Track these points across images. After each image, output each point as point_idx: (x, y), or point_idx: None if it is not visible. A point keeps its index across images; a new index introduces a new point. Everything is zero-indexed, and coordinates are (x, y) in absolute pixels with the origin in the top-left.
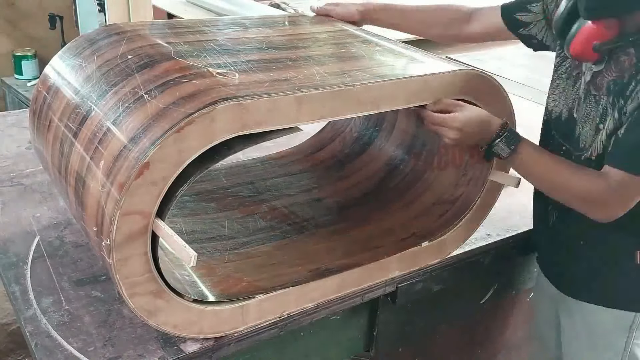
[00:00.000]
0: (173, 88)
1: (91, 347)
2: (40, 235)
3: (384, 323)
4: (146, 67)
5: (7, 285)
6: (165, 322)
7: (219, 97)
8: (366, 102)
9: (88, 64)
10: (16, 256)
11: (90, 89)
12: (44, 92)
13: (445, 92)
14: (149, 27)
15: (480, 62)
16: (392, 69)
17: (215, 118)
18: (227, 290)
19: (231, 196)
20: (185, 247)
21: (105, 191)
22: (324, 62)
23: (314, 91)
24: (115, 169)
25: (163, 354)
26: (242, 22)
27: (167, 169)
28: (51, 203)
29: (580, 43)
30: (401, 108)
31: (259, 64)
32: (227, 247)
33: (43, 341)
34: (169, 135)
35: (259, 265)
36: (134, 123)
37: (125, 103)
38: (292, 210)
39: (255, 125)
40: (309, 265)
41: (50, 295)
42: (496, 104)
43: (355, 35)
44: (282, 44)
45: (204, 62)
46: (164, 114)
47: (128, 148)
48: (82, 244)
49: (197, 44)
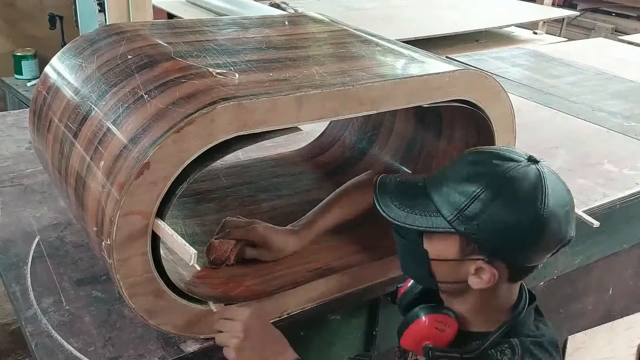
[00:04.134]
0: (173, 88)
1: (91, 347)
2: (40, 235)
3: (384, 323)
4: (146, 67)
5: (8, 285)
6: (166, 322)
7: (219, 97)
8: (366, 102)
9: (88, 64)
10: (16, 256)
11: (90, 89)
12: (44, 92)
13: (445, 92)
14: (149, 27)
15: (480, 62)
16: (392, 68)
17: (214, 118)
18: (226, 293)
19: (231, 196)
20: (185, 246)
21: (105, 191)
22: (324, 62)
23: (313, 91)
24: (115, 169)
25: (163, 354)
26: (242, 22)
27: (167, 169)
28: (51, 203)
29: (412, 338)
30: (401, 108)
31: (258, 64)
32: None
33: (43, 341)
34: (169, 136)
35: (258, 266)
36: (133, 123)
37: (125, 103)
38: (292, 210)
39: (254, 125)
40: (309, 265)
41: (51, 295)
42: (496, 104)
43: (355, 35)
44: (281, 43)
45: (204, 62)
46: (163, 114)
47: (128, 148)
48: (82, 244)
49: (197, 44)
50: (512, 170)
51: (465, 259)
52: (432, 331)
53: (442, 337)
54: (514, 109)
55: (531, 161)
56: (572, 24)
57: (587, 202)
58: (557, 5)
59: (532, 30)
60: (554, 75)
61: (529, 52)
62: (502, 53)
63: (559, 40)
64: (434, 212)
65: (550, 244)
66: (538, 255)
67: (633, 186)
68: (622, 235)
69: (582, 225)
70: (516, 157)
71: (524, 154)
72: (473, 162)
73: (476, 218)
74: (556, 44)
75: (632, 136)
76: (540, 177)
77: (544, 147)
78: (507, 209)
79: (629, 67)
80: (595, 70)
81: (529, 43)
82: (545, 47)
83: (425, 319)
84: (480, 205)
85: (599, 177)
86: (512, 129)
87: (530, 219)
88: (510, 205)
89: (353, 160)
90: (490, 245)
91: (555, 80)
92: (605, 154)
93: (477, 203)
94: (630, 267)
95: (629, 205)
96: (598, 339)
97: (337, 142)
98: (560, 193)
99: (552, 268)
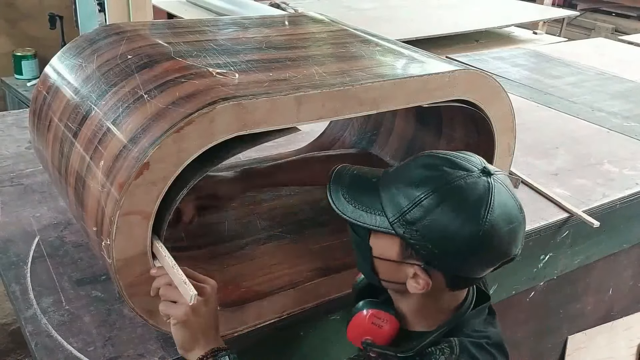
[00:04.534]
0: (173, 88)
1: (91, 346)
2: (40, 235)
3: None
4: (146, 67)
5: (8, 285)
6: (165, 322)
7: (218, 97)
8: (365, 102)
9: (88, 64)
10: (16, 256)
11: (90, 89)
12: (44, 92)
13: (445, 92)
14: (149, 27)
15: (480, 62)
16: (392, 68)
17: (214, 118)
18: (226, 297)
19: None
20: (185, 284)
21: (105, 191)
22: (324, 62)
23: (313, 91)
24: (115, 169)
25: (163, 354)
26: (242, 22)
27: (166, 169)
28: (51, 203)
29: (353, 331)
30: (400, 108)
31: (258, 64)
32: (227, 250)
33: (43, 341)
34: (169, 135)
35: (258, 267)
36: (133, 123)
37: (125, 103)
38: (292, 210)
39: (254, 125)
40: (309, 265)
41: (51, 295)
42: (496, 104)
43: (354, 35)
44: (281, 43)
45: (204, 62)
46: (163, 114)
47: (128, 148)
48: (82, 243)
49: (197, 43)
50: (460, 180)
51: (404, 262)
52: (370, 326)
53: (380, 333)
54: (514, 109)
55: (484, 173)
56: (572, 24)
57: (587, 202)
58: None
59: (532, 30)
60: (554, 76)
61: (529, 52)
62: (502, 53)
63: (559, 40)
64: (379, 211)
65: (489, 259)
66: (476, 268)
67: (633, 186)
68: (622, 236)
69: (582, 226)
70: (469, 167)
71: (480, 164)
72: (425, 165)
73: (416, 223)
74: (556, 44)
75: (632, 136)
76: (488, 190)
77: (544, 147)
78: (447, 218)
79: (629, 67)
80: (596, 71)
81: (529, 43)
82: (545, 47)
83: (366, 313)
84: (421, 211)
85: (598, 177)
86: (512, 129)
87: (469, 231)
88: (451, 215)
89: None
90: (426, 253)
91: (556, 80)
92: (605, 154)
93: (419, 208)
94: (630, 267)
95: (629, 205)
96: (598, 339)
97: (337, 143)
98: (507, 209)
99: (552, 268)
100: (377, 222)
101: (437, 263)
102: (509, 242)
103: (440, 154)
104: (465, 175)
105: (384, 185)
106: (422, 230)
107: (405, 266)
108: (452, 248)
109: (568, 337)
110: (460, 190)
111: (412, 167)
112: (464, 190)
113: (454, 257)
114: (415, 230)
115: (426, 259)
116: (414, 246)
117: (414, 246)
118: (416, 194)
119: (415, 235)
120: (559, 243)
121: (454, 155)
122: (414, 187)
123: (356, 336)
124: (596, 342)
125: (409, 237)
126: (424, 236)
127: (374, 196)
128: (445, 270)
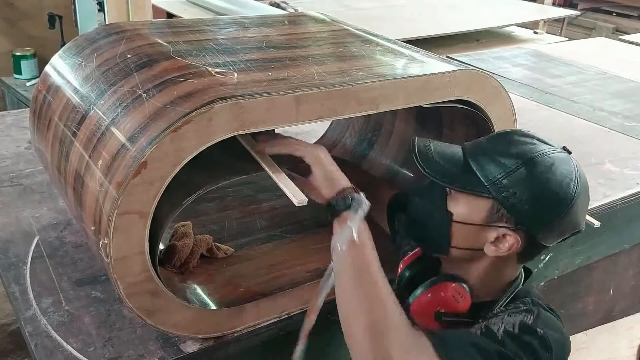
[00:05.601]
0: (171, 87)
1: (91, 347)
2: (39, 235)
3: None
4: (145, 67)
5: (7, 286)
6: (164, 322)
7: (217, 96)
8: (365, 101)
9: (88, 63)
10: (16, 256)
11: (89, 88)
12: (44, 92)
13: (446, 92)
14: (149, 27)
15: (480, 61)
16: (392, 68)
17: (212, 117)
18: (225, 296)
19: (231, 196)
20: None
21: (103, 190)
22: (323, 61)
23: (312, 91)
24: (113, 168)
25: (163, 354)
26: (242, 22)
27: (164, 168)
28: (51, 203)
29: (426, 302)
30: (400, 108)
31: (257, 64)
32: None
33: (43, 341)
34: (167, 135)
35: (258, 266)
36: (132, 122)
37: (124, 102)
38: (292, 210)
39: (253, 125)
40: (309, 265)
41: (50, 296)
42: (496, 104)
43: (355, 35)
44: (281, 43)
45: (203, 61)
46: (161, 113)
47: (126, 147)
48: (81, 244)
49: (196, 43)
50: (551, 152)
51: (490, 224)
52: (450, 298)
53: (455, 307)
54: (514, 109)
55: (566, 150)
56: (573, 23)
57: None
58: (557, 4)
59: (532, 30)
60: (554, 75)
61: (530, 51)
62: (502, 53)
63: (559, 40)
64: (472, 173)
65: (568, 227)
66: (554, 234)
67: (634, 186)
68: (623, 235)
69: None
70: (554, 144)
71: (558, 145)
72: (515, 139)
73: (514, 186)
74: (557, 44)
75: (633, 136)
76: (574, 164)
77: None
78: (544, 181)
79: (630, 66)
80: (596, 70)
81: (529, 43)
82: (546, 47)
83: (454, 285)
84: (520, 175)
85: (599, 177)
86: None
87: (562, 197)
88: (547, 178)
89: (355, 161)
90: (521, 214)
91: (556, 80)
92: (606, 153)
93: (518, 173)
94: (631, 267)
95: (630, 205)
96: (599, 339)
97: (337, 145)
98: (585, 185)
99: (552, 268)
100: (471, 184)
101: (526, 225)
102: (583, 215)
103: (525, 131)
104: (554, 149)
105: (473, 155)
106: (520, 193)
107: (488, 230)
108: (543, 211)
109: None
110: (554, 159)
111: (501, 139)
112: (557, 160)
113: (542, 221)
114: (513, 192)
115: (518, 220)
116: (512, 207)
117: (511, 207)
118: (513, 159)
119: (514, 197)
120: (559, 243)
121: (536, 134)
122: (509, 156)
123: (429, 306)
124: (597, 342)
125: (507, 198)
126: (521, 197)
127: (463, 161)
128: (531, 230)
